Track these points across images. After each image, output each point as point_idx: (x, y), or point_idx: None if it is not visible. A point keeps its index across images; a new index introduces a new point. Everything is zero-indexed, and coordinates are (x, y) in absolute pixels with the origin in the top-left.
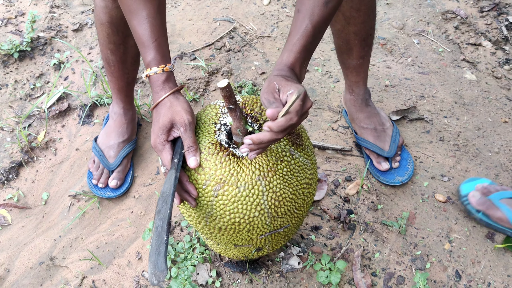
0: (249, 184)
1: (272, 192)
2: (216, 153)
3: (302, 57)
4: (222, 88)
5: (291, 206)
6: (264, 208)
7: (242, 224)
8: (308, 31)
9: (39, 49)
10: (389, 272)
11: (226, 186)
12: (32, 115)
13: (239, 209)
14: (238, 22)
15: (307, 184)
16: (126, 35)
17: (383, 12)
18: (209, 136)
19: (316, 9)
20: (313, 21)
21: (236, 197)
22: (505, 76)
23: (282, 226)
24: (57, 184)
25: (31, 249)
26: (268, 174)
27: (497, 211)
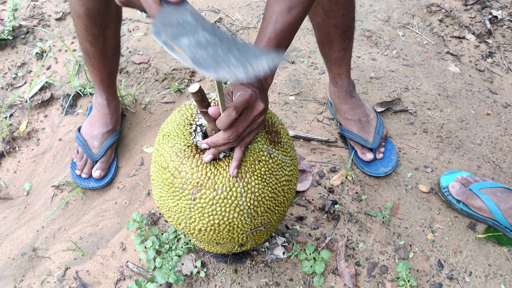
0: (227, 186)
1: (250, 193)
2: (192, 156)
3: None
4: (193, 93)
5: (271, 204)
6: (243, 209)
7: (222, 225)
8: (271, 40)
9: (21, 38)
10: (372, 261)
11: (203, 190)
12: (14, 105)
13: (218, 211)
14: (224, 13)
15: (287, 181)
16: (104, 26)
17: (369, 4)
18: (185, 138)
19: (279, 17)
20: (276, 29)
21: (214, 200)
22: (488, 69)
23: (263, 223)
24: (39, 174)
25: (13, 240)
26: (246, 175)
27: (477, 201)
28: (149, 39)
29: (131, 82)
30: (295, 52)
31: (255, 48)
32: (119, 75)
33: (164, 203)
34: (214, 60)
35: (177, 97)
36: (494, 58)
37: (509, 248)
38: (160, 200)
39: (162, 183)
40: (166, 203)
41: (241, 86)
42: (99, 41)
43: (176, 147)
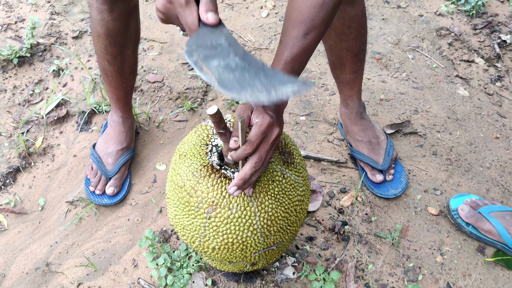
0: (241, 206)
1: (264, 212)
2: (208, 176)
3: None
4: (211, 115)
5: (284, 223)
6: (257, 228)
7: (235, 244)
8: (287, 63)
9: (39, 55)
10: (382, 283)
11: (218, 209)
12: (31, 121)
13: (232, 230)
14: (237, 34)
15: (299, 201)
16: (123, 46)
17: (379, 27)
18: (201, 158)
19: (296, 41)
20: (292, 54)
21: (229, 219)
22: (496, 93)
23: (276, 243)
24: (54, 190)
25: (27, 254)
26: (260, 195)
27: (486, 224)
28: (163, 58)
29: (145, 101)
30: (306, 74)
31: (283, 75)
32: (134, 94)
33: (179, 221)
34: (239, 83)
35: (190, 115)
36: (503, 82)
37: None
38: (175, 218)
39: (178, 202)
40: (181, 221)
41: (259, 110)
42: (118, 60)
43: (192, 167)
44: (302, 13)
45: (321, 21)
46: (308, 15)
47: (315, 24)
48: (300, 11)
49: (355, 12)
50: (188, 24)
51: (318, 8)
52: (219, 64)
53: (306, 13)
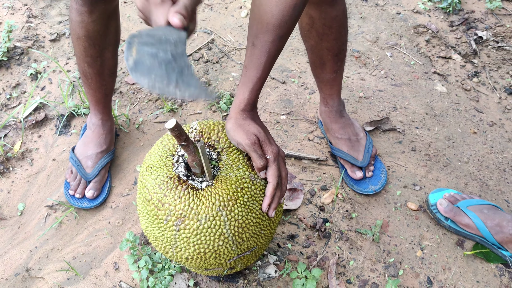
0: (210, 216)
1: (234, 221)
2: (174, 188)
3: (260, 90)
4: (170, 129)
5: (256, 229)
6: (228, 236)
7: (208, 253)
8: (266, 68)
9: (16, 59)
10: (363, 279)
11: (187, 221)
12: (8, 125)
13: (203, 240)
14: (216, 34)
15: None
16: (103, 48)
17: (357, 26)
18: (167, 169)
19: (272, 45)
20: (270, 57)
21: (198, 230)
22: (474, 89)
23: (250, 248)
24: (33, 194)
25: (6, 260)
26: (229, 204)
27: (464, 218)
28: None
29: (125, 102)
30: (286, 73)
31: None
32: (113, 96)
33: (150, 233)
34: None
35: (170, 117)
36: (480, 77)
37: (497, 264)
38: (147, 230)
39: (147, 215)
40: (152, 233)
41: (266, 143)
42: (97, 62)
43: (159, 179)
44: (276, 17)
45: (293, 22)
46: (282, 19)
47: (288, 27)
48: (274, 15)
49: (336, 13)
50: (157, 23)
51: (291, 11)
52: (149, 51)
53: (280, 17)
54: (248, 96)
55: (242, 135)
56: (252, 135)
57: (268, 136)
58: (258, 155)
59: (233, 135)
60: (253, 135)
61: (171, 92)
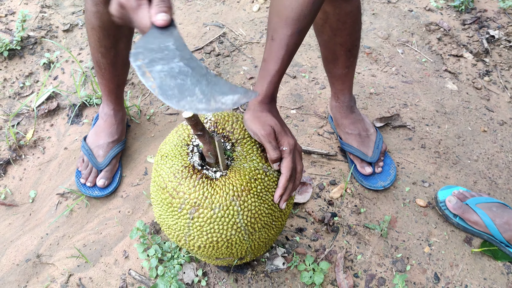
0: (224, 206)
1: (247, 211)
2: (189, 177)
3: (279, 84)
4: (187, 118)
5: (268, 220)
6: (241, 226)
7: (220, 242)
8: (284, 61)
9: (29, 48)
10: (370, 273)
11: (201, 209)
12: (21, 114)
13: (216, 229)
14: (228, 28)
15: None
16: (117, 39)
17: (369, 22)
18: (182, 159)
19: (291, 39)
20: (289, 51)
21: (212, 219)
22: (484, 87)
23: (261, 238)
24: (44, 182)
25: (18, 246)
26: (242, 194)
27: (473, 215)
28: None
29: (136, 94)
30: (297, 67)
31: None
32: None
33: (164, 221)
34: (179, 91)
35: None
36: (491, 76)
37: (504, 262)
38: (160, 218)
39: (161, 203)
40: (165, 221)
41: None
42: (111, 53)
43: (174, 168)
44: (295, 11)
45: (312, 17)
46: (301, 13)
47: (307, 21)
48: (293, 9)
49: (351, 8)
50: (141, 28)
51: (310, 5)
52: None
53: (299, 11)
54: (266, 89)
55: (258, 126)
56: (268, 126)
57: (284, 129)
58: (272, 147)
59: (250, 125)
60: (269, 127)
61: (216, 106)
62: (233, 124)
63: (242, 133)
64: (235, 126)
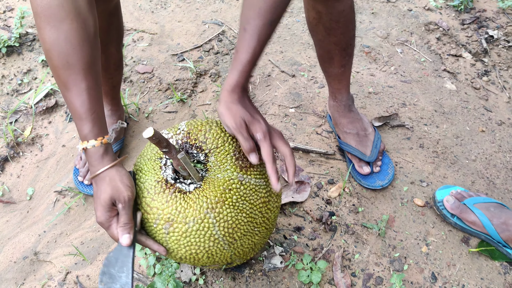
0: (198, 219)
1: (223, 222)
2: (162, 192)
3: (250, 74)
4: (149, 138)
5: (249, 227)
6: (218, 237)
7: (200, 254)
8: (256, 51)
9: (28, 45)
10: (368, 272)
11: (175, 224)
12: (19, 111)
13: (193, 242)
14: (227, 26)
15: (264, 203)
16: (106, 44)
17: (368, 21)
18: (155, 173)
19: (262, 30)
20: (260, 41)
21: (187, 232)
22: (483, 87)
23: (244, 245)
24: (42, 179)
25: (15, 243)
26: (217, 206)
27: (470, 215)
28: (153, 49)
29: (135, 91)
30: (296, 66)
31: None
32: (123, 84)
33: None
34: None
35: (179, 107)
36: (490, 76)
37: (501, 262)
38: None
39: None
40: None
41: (254, 121)
42: (102, 58)
43: (147, 183)
44: (267, 2)
45: (283, 8)
46: (273, 4)
47: (279, 12)
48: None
49: (343, 7)
50: (113, 239)
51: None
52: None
53: (271, 2)
54: (237, 79)
55: (229, 118)
56: (238, 117)
57: (255, 116)
58: (244, 138)
59: (223, 119)
60: (240, 118)
61: None
62: (206, 133)
63: (215, 143)
64: (208, 136)
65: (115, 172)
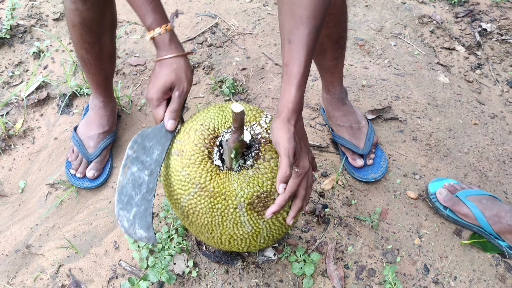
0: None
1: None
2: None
3: (305, 86)
4: (236, 113)
5: None
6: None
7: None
8: (308, 62)
9: (19, 37)
10: (361, 264)
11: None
12: (10, 103)
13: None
14: (220, 18)
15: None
16: (100, 34)
17: (362, 14)
18: (209, 142)
19: (309, 38)
20: (309, 50)
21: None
22: (476, 80)
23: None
24: (34, 172)
25: (7, 236)
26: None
27: (463, 207)
28: (145, 41)
29: (127, 84)
30: None
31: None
32: (116, 77)
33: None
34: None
35: None
36: (483, 69)
37: (493, 254)
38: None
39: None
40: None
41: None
42: (95, 48)
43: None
44: (308, 8)
45: (325, 10)
46: (315, 9)
47: (322, 16)
48: (305, 7)
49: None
50: (156, 119)
51: (322, 1)
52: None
53: (313, 7)
54: (295, 94)
55: (284, 137)
56: (293, 142)
57: (305, 150)
58: (289, 163)
59: (276, 134)
60: (293, 143)
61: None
62: None
63: (270, 154)
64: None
65: (183, 62)
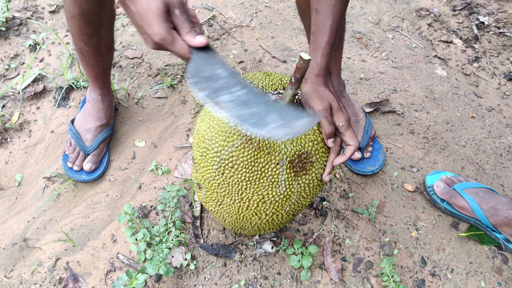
0: None
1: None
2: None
3: (331, 55)
4: (305, 60)
5: None
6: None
7: None
8: (333, 31)
9: (14, 29)
10: (358, 257)
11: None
12: (6, 96)
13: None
14: (217, 10)
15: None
16: (99, 26)
17: (360, 7)
18: None
19: (335, 8)
20: (335, 19)
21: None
22: (473, 73)
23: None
24: (31, 165)
25: (4, 230)
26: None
27: (460, 200)
28: None
29: (124, 77)
30: (287, 52)
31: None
32: (112, 69)
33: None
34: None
35: (169, 92)
36: (480, 63)
37: (490, 246)
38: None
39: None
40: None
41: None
42: (94, 40)
43: None
44: None
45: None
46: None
47: None
48: None
49: None
50: (182, 55)
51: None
52: (229, 99)
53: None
54: (320, 62)
55: (316, 100)
56: (326, 101)
57: (340, 105)
58: (328, 122)
59: (308, 99)
60: (327, 102)
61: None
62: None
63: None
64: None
65: None
